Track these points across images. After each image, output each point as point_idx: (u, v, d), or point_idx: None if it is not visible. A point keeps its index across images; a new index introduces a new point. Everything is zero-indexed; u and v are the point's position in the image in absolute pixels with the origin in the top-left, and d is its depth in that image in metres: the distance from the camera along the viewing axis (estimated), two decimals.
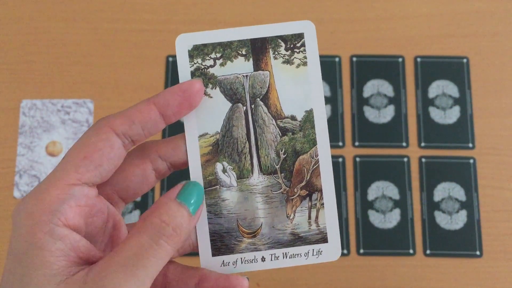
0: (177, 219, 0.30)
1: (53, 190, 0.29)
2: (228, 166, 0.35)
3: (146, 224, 0.30)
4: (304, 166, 0.35)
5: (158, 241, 0.29)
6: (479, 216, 0.63)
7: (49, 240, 0.28)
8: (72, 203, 0.30)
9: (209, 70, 0.35)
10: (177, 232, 0.30)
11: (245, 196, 0.35)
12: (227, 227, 0.35)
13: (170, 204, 0.31)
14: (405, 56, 0.68)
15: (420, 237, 0.63)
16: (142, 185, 0.34)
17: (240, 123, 0.35)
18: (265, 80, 0.35)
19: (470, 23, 0.69)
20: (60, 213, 0.29)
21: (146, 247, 0.29)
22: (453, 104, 0.66)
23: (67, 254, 0.29)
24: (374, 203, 0.64)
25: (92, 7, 0.69)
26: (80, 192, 0.30)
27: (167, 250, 0.30)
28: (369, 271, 0.62)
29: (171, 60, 0.67)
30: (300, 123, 0.35)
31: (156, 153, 0.34)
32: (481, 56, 0.68)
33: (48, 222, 0.29)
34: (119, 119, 0.32)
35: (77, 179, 0.30)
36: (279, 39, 0.35)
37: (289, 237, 0.35)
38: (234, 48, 0.35)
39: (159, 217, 0.30)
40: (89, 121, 0.66)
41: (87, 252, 0.30)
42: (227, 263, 0.35)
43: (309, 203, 0.36)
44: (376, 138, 0.66)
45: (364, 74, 0.67)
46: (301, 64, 0.35)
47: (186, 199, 0.31)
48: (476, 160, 0.65)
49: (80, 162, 0.30)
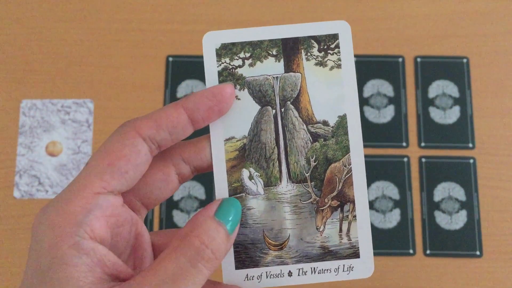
0: (216, 241, 0.28)
1: (78, 200, 0.28)
2: (255, 173, 0.33)
3: (185, 245, 0.28)
4: (336, 175, 0.33)
5: (197, 265, 0.27)
6: (479, 216, 0.63)
7: (74, 254, 0.26)
8: (98, 214, 0.28)
9: (237, 71, 0.33)
10: (216, 255, 0.28)
11: (272, 205, 0.33)
12: (253, 238, 0.33)
13: (209, 223, 0.29)
14: (405, 56, 0.68)
15: (420, 237, 0.63)
16: (165, 190, 0.32)
17: (269, 127, 0.33)
18: (297, 83, 0.33)
19: (470, 23, 0.69)
20: (86, 225, 0.27)
21: (184, 271, 0.27)
22: (453, 104, 0.66)
23: (93, 270, 0.27)
24: (375, 203, 0.64)
25: (92, 7, 0.69)
26: (106, 201, 0.28)
27: (205, 274, 0.28)
28: None
29: (171, 60, 0.67)
30: (332, 129, 0.33)
31: (180, 156, 0.32)
32: (481, 56, 0.68)
33: (73, 235, 0.27)
34: (145, 122, 0.30)
35: (102, 188, 0.28)
36: (312, 39, 0.34)
37: (318, 250, 0.33)
38: (264, 48, 0.33)
39: (198, 238, 0.28)
40: (89, 121, 0.66)
41: (113, 267, 0.28)
42: (251, 277, 0.32)
43: (341, 214, 0.33)
44: (376, 138, 0.66)
45: (364, 74, 0.67)
46: (335, 67, 0.34)
47: (224, 217, 0.30)
48: (476, 160, 0.65)
49: (105, 169, 0.28)
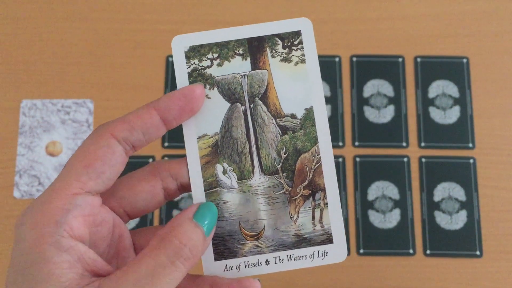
0: (194, 241, 0.30)
1: (57, 201, 0.29)
2: (229, 167, 0.35)
3: (165, 244, 0.29)
4: (306, 165, 0.35)
5: (175, 262, 0.29)
6: (479, 216, 0.63)
7: (55, 252, 0.28)
8: (76, 213, 0.29)
9: (206, 71, 0.35)
10: (193, 253, 0.30)
11: (247, 198, 0.35)
12: (229, 230, 0.34)
13: (187, 225, 0.30)
14: (405, 56, 0.68)
15: (420, 237, 0.63)
16: (150, 202, 0.33)
17: (239, 123, 0.35)
18: (264, 79, 0.35)
19: (470, 23, 0.69)
20: (65, 224, 0.29)
21: (163, 267, 0.28)
22: (453, 104, 0.66)
23: (74, 266, 0.28)
24: (374, 203, 0.64)
25: (92, 7, 0.69)
26: (84, 201, 0.30)
27: (182, 271, 0.29)
28: (369, 271, 0.62)
29: (171, 60, 0.67)
30: (300, 121, 0.35)
31: (168, 172, 0.33)
32: (481, 56, 0.68)
33: (53, 234, 0.28)
34: (119, 125, 0.31)
35: (80, 188, 0.30)
36: (276, 37, 0.35)
37: (293, 238, 0.34)
38: (231, 48, 0.35)
39: (177, 238, 0.30)
40: (89, 121, 0.66)
41: (93, 264, 0.29)
42: (230, 268, 0.34)
43: (313, 203, 0.35)
44: (376, 138, 0.66)
45: (364, 74, 0.67)
46: (299, 62, 0.35)
47: (201, 219, 0.31)
48: (476, 160, 0.65)
49: (81, 170, 0.30)
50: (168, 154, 0.65)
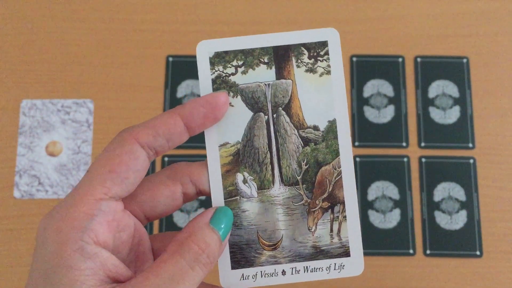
0: (211, 246, 0.30)
1: (81, 206, 0.29)
2: (249, 177, 0.34)
3: (183, 249, 0.30)
4: (326, 178, 0.35)
5: (194, 267, 0.29)
6: (479, 216, 0.63)
7: (79, 258, 0.28)
8: (100, 219, 0.29)
9: (230, 78, 0.34)
10: (210, 259, 0.30)
11: (266, 208, 0.34)
12: (247, 238, 0.34)
13: (204, 230, 0.31)
14: (405, 56, 0.68)
15: (420, 237, 0.63)
16: (169, 206, 0.33)
17: (261, 132, 0.35)
18: (288, 89, 0.35)
19: (470, 23, 0.69)
20: (90, 230, 0.29)
21: (183, 272, 0.29)
22: (453, 104, 0.66)
23: (96, 273, 0.28)
24: (374, 203, 0.64)
25: (92, 7, 0.69)
26: (108, 206, 0.30)
27: (201, 276, 0.30)
28: (369, 271, 0.62)
29: (171, 60, 0.67)
30: (322, 134, 0.35)
31: (188, 177, 0.33)
32: (481, 56, 0.68)
33: (77, 240, 0.28)
34: (143, 130, 0.31)
35: (104, 193, 0.29)
36: (302, 47, 0.34)
37: (310, 250, 0.34)
38: (256, 56, 0.34)
39: (196, 243, 0.30)
40: (89, 121, 0.66)
41: (115, 270, 0.29)
42: (246, 277, 0.34)
43: (331, 215, 0.35)
44: (376, 138, 0.66)
45: (364, 74, 0.67)
46: (324, 73, 0.34)
47: (218, 224, 0.31)
48: (476, 160, 0.65)
49: (106, 175, 0.30)
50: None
